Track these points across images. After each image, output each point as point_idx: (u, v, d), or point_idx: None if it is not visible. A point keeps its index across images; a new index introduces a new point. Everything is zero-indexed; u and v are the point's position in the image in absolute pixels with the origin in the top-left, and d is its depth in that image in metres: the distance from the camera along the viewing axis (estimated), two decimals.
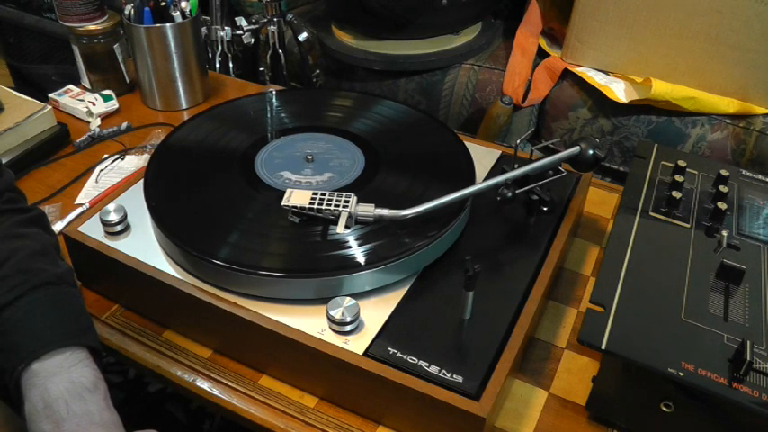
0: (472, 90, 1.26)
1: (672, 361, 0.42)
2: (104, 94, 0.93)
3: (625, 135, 1.16)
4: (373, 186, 0.62)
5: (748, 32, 1.03)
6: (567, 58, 1.21)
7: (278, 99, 0.77)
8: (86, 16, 0.90)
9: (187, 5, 0.88)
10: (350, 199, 0.55)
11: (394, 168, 0.64)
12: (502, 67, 1.24)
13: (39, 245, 0.51)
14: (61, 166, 0.81)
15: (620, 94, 1.13)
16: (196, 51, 0.91)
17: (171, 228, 0.55)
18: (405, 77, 1.30)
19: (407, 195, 0.61)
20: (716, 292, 0.48)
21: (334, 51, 1.31)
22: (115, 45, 0.93)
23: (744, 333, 0.44)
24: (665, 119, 1.11)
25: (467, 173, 0.64)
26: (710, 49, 1.07)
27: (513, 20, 1.33)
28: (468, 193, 0.56)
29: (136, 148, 0.84)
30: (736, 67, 1.07)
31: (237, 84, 1.02)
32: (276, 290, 0.52)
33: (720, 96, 1.09)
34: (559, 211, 0.62)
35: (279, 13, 1.21)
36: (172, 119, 0.91)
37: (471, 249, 0.58)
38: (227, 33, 1.19)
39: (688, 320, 0.46)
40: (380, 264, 0.52)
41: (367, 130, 0.71)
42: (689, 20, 1.06)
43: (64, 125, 0.85)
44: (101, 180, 0.79)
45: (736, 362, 0.42)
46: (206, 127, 0.70)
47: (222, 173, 0.64)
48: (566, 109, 1.20)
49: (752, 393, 0.41)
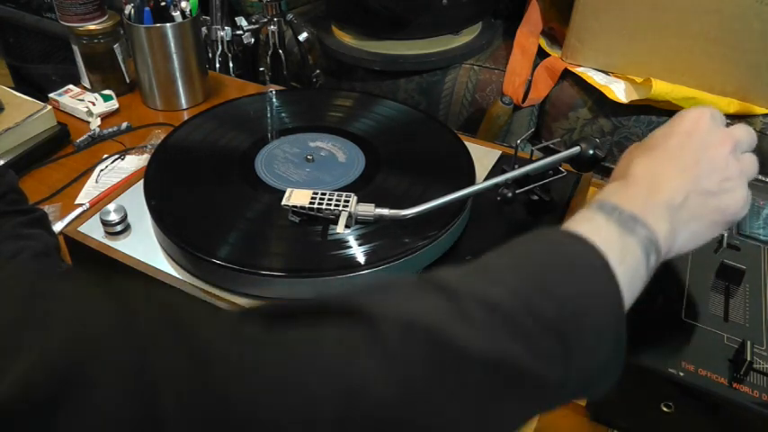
0: (472, 90, 1.26)
1: (672, 361, 0.42)
2: (104, 93, 0.93)
3: (625, 135, 1.16)
4: (373, 186, 0.62)
5: (748, 32, 1.03)
6: (567, 58, 1.21)
7: (278, 99, 0.77)
8: (86, 16, 0.90)
9: (187, 5, 0.88)
10: (350, 199, 0.55)
11: (394, 168, 0.64)
12: (502, 67, 1.24)
13: (42, 245, 0.52)
14: (61, 166, 0.81)
15: (620, 94, 1.13)
16: (196, 51, 0.91)
17: (171, 227, 0.55)
18: (405, 77, 1.30)
19: (407, 195, 0.61)
20: (716, 292, 0.48)
21: (335, 51, 1.31)
22: (115, 45, 0.93)
23: (744, 333, 0.44)
24: (666, 119, 1.11)
25: (467, 173, 0.64)
26: (710, 49, 1.07)
27: (513, 20, 1.33)
28: (468, 193, 0.56)
29: (136, 148, 0.84)
30: (736, 67, 1.07)
31: (237, 84, 1.02)
32: (276, 290, 0.52)
33: (720, 96, 1.09)
34: (559, 211, 0.62)
35: (279, 13, 1.21)
36: (172, 119, 0.91)
37: (471, 249, 0.58)
38: (227, 33, 1.19)
39: (688, 320, 0.46)
40: (380, 264, 0.52)
41: (367, 129, 0.71)
42: (689, 20, 1.06)
43: (64, 125, 0.85)
44: (101, 180, 0.79)
45: (737, 362, 0.42)
46: (206, 127, 0.70)
47: (222, 173, 0.64)
48: (566, 109, 1.20)
49: (752, 393, 0.41)
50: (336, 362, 0.26)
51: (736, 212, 0.40)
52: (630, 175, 0.40)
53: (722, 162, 0.40)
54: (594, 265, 0.33)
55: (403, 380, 0.26)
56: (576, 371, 0.31)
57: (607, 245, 0.34)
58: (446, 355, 0.28)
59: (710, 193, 0.39)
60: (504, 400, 0.29)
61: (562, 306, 0.31)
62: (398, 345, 0.27)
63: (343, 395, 0.25)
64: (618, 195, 0.38)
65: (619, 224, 0.36)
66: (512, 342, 0.29)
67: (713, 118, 0.42)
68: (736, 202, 0.40)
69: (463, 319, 0.29)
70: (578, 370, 0.31)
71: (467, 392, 0.28)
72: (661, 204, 0.38)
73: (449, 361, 0.28)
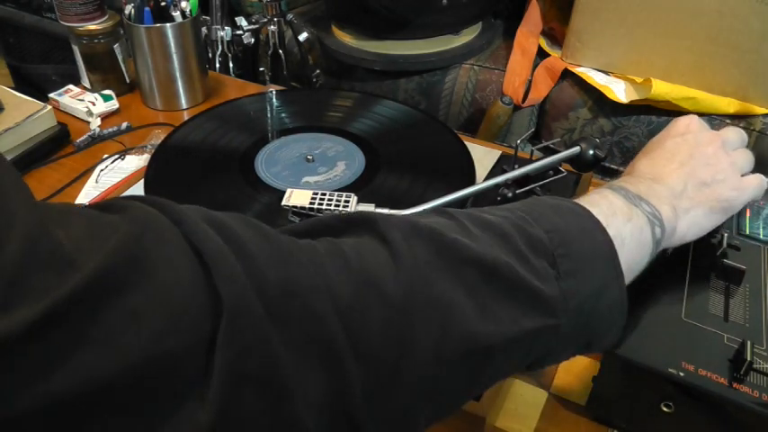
0: (472, 90, 1.26)
1: (672, 361, 0.42)
2: (104, 93, 0.93)
3: (625, 135, 1.16)
4: (373, 186, 0.62)
5: (748, 32, 1.03)
6: (567, 58, 1.21)
7: (278, 99, 0.77)
8: (86, 16, 0.90)
9: (187, 5, 0.88)
10: (350, 199, 0.55)
11: (394, 168, 0.64)
12: (502, 67, 1.24)
13: None
14: (61, 166, 0.81)
15: (620, 94, 1.13)
16: (196, 51, 0.91)
17: None
18: (405, 77, 1.30)
19: (407, 195, 0.61)
20: (716, 292, 0.48)
21: (335, 51, 1.32)
22: (115, 45, 0.93)
23: (744, 333, 0.44)
24: (665, 119, 1.11)
25: (467, 173, 0.64)
26: (710, 49, 1.07)
27: (513, 20, 1.34)
28: (468, 193, 0.56)
29: (136, 148, 0.84)
30: (736, 67, 1.07)
31: (237, 84, 1.02)
32: None
33: (720, 96, 1.09)
34: None
35: (279, 13, 1.21)
36: (172, 119, 0.91)
37: None
38: (228, 33, 1.19)
39: (688, 320, 0.46)
40: None
41: (367, 130, 0.71)
42: (689, 20, 1.06)
43: (64, 125, 0.85)
44: (101, 180, 0.79)
45: (737, 362, 0.42)
46: (206, 127, 0.70)
47: (222, 173, 0.64)
48: (566, 109, 1.20)
49: (752, 393, 0.41)
50: (351, 253, 0.30)
51: (729, 198, 0.45)
52: (635, 172, 0.46)
53: (713, 156, 0.46)
54: (580, 211, 0.38)
55: (410, 269, 0.30)
56: (572, 296, 0.34)
57: (613, 207, 0.39)
58: (445, 251, 0.31)
59: (705, 183, 0.44)
60: (503, 302, 0.32)
61: (550, 232, 0.35)
62: (403, 243, 0.31)
63: (357, 279, 0.29)
64: (624, 183, 0.43)
65: (626, 198, 0.40)
66: (505, 254, 0.33)
67: (701, 122, 0.49)
68: (729, 191, 0.45)
69: (461, 230, 0.33)
70: (573, 294, 0.34)
71: (466, 284, 0.31)
72: (663, 191, 0.43)
73: (448, 256, 0.31)
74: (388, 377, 0.28)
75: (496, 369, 0.33)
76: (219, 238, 0.26)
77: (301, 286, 0.27)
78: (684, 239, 0.44)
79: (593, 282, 0.35)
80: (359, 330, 0.27)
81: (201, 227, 0.26)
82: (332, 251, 0.30)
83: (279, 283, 0.26)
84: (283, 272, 0.27)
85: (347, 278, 0.28)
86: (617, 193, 0.41)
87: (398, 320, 0.29)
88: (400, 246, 0.30)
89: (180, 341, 0.23)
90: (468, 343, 0.30)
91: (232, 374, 0.24)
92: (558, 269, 0.34)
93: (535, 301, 0.33)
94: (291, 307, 0.26)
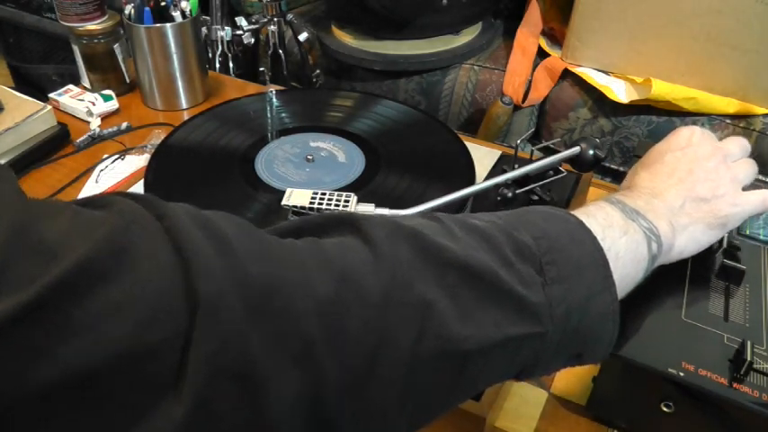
0: (472, 90, 1.26)
1: (672, 361, 0.42)
2: (104, 93, 0.93)
3: (625, 135, 1.16)
4: (373, 186, 0.62)
5: (748, 32, 1.03)
6: (567, 58, 1.21)
7: (278, 99, 0.77)
8: (86, 16, 0.90)
9: (187, 5, 0.88)
10: (350, 199, 0.55)
11: (394, 168, 0.64)
12: (502, 67, 1.24)
13: None
14: (61, 166, 0.81)
15: (620, 94, 1.13)
16: (196, 51, 0.91)
17: None
18: (405, 77, 1.30)
19: (407, 195, 0.61)
20: (716, 293, 0.48)
21: (335, 51, 1.32)
22: (115, 45, 0.93)
23: (744, 333, 0.44)
24: (665, 119, 1.11)
25: (467, 173, 0.64)
26: (710, 49, 1.07)
27: (513, 20, 1.34)
28: (468, 193, 0.56)
29: (136, 148, 0.84)
30: (736, 67, 1.07)
31: (237, 84, 1.02)
32: None
33: (720, 96, 1.09)
34: None
35: (279, 13, 1.21)
36: (172, 119, 0.91)
37: None
38: (227, 33, 1.19)
39: (688, 320, 0.46)
40: None
41: (367, 129, 0.71)
42: (689, 20, 1.06)
43: (64, 125, 0.85)
44: (101, 180, 0.79)
45: (737, 362, 0.42)
46: (206, 127, 0.70)
47: (222, 173, 0.64)
48: (566, 109, 1.20)
49: (752, 393, 0.41)
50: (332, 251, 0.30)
51: (728, 215, 0.44)
52: (634, 186, 0.45)
53: (713, 171, 0.45)
54: (571, 219, 0.37)
55: (390, 268, 0.30)
56: (558, 303, 0.33)
57: (609, 219, 0.39)
58: (427, 252, 0.31)
59: (704, 199, 0.44)
60: (485, 306, 0.32)
61: (538, 238, 0.35)
62: (385, 242, 0.31)
63: (337, 277, 0.28)
64: (622, 196, 0.43)
65: (623, 212, 0.40)
66: (490, 258, 0.32)
67: (703, 133, 0.48)
68: (728, 207, 0.44)
69: (446, 233, 0.33)
70: (560, 302, 0.33)
71: (447, 286, 0.31)
72: (662, 207, 0.42)
73: (430, 257, 0.31)
74: (363, 375, 0.28)
75: (478, 373, 0.33)
76: (201, 234, 0.26)
77: (282, 283, 0.27)
78: (682, 255, 0.44)
79: (582, 289, 0.34)
80: (337, 328, 0.28)
81: (184, 223, 0.26)
82: (314, 249, 0.30)
83: (259, 279, 0.26)
84: (264, 269, 0.27)
85: (328, 277, 0.28)
86: (614, 206, 0.41)
87: (376, 319, 0.29)
88: (382, 245, 0.30)
89: (158, 334, 0.23)
90: (446, 344, 0.30)
91: (208, 369, 0.24)
92: (544, 276, 0.34)
93: (518, 306, 0.32)
94: (271, 303, 0.26)
